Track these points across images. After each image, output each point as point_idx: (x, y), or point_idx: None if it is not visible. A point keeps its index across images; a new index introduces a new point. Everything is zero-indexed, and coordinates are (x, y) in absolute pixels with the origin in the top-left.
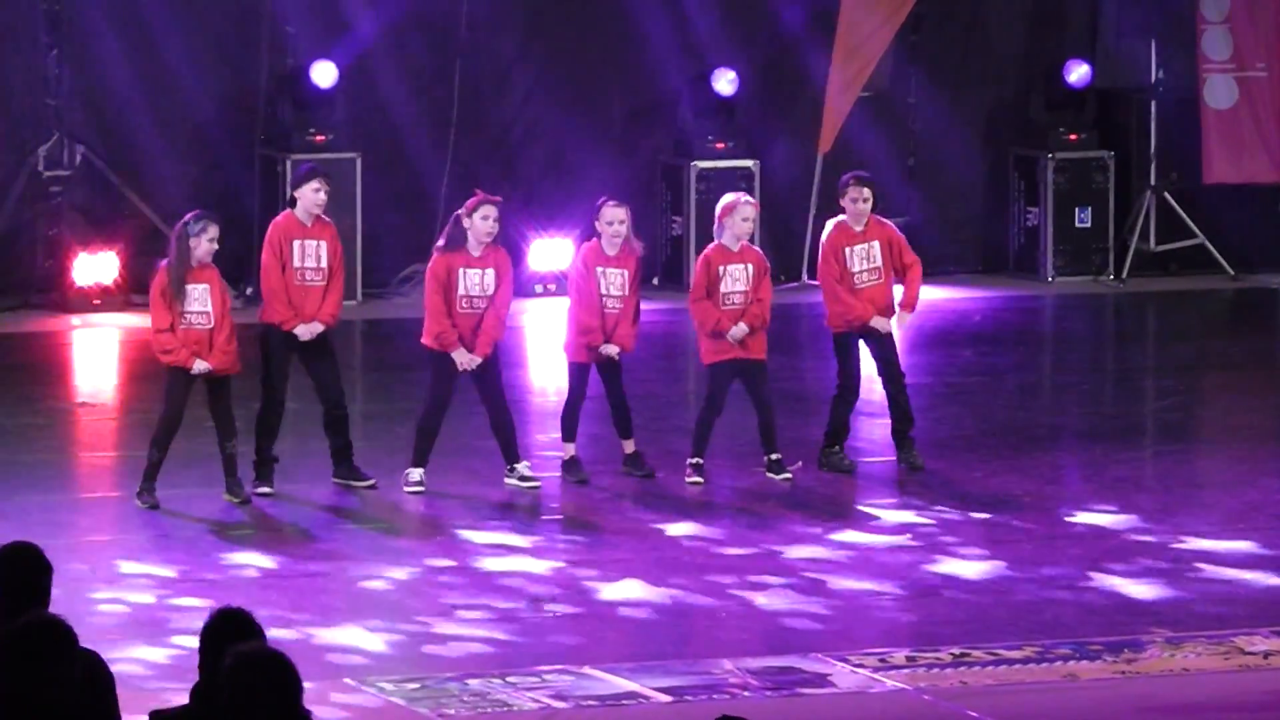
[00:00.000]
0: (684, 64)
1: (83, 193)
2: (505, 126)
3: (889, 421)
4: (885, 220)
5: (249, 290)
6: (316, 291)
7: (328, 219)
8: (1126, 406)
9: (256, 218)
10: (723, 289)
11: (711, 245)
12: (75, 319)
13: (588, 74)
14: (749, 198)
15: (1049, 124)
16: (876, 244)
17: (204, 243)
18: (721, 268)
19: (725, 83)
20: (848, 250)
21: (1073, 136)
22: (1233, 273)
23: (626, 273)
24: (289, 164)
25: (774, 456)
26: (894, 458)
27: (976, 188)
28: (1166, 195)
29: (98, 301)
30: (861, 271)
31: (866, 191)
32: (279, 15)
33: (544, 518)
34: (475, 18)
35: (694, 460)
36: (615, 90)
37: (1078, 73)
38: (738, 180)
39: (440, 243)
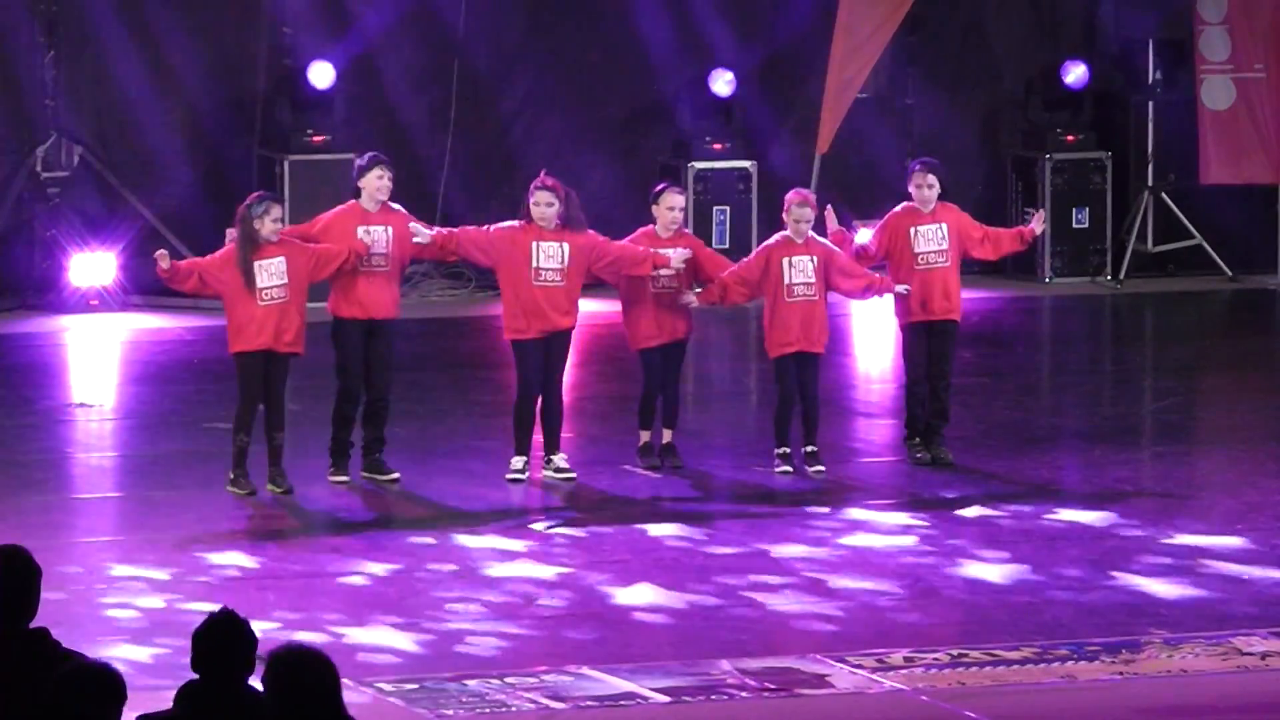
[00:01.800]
0: (682, 65)
1: (80, 194)
2: (504, 127)
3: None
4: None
5: None
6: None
7: (395, 206)
8: (1125, 407)
9: None
10: (787, 280)
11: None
12: (72, 320)
13: (586, 75)
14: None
15: (1047, 125)
16: (945, 225)
17: (268, 223)
18: (785, 259)
19: (723, 84)
20: (913, 230)
21: (1070, 137)
22: (1230, 274)
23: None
24: (287, 165)
25: (811, 449)
26: (895, 458)
27: (974, 189)
28: (1164, 196)
29: (95, 302)
30: (928, 252)
31: (932, 178)
32: (277, 16)
33: (543, 516)
34: (473, 18)
35: (780, 450)
36: (614, 91)
37: (1075, 74)
38: (735, 181)
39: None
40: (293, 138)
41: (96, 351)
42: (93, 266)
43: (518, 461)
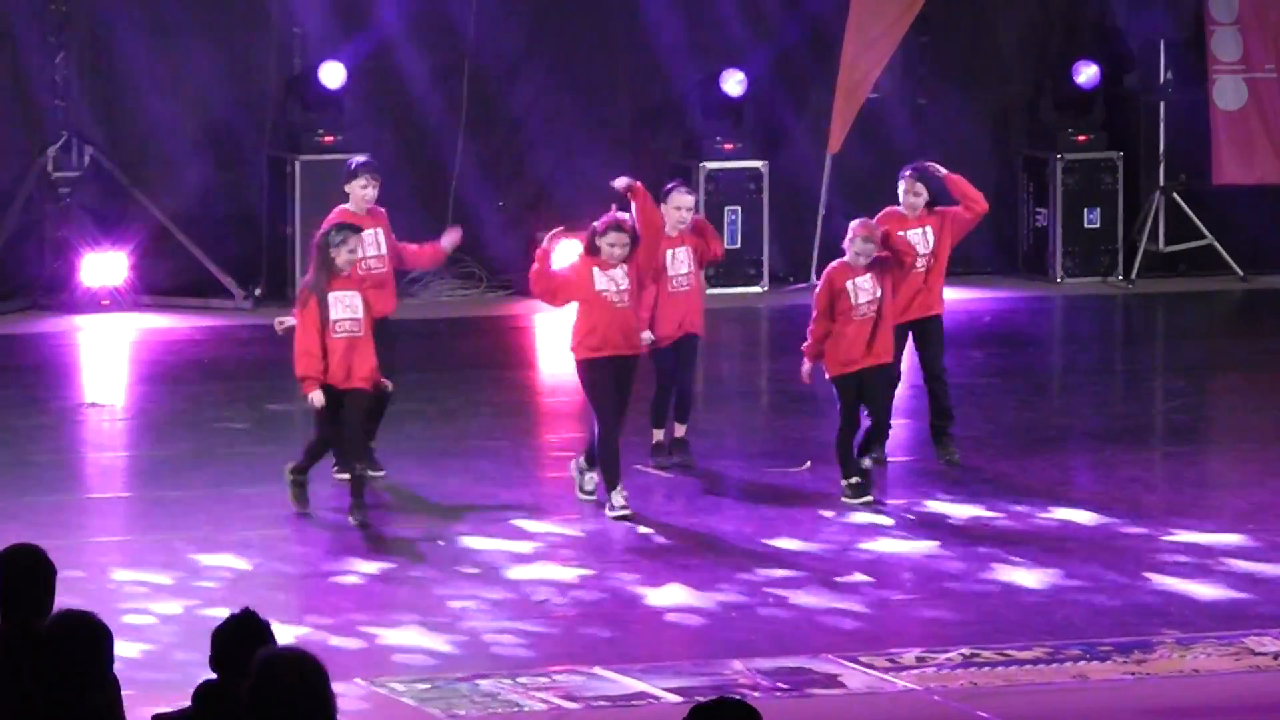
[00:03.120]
0: (693, 65)
1: (91, 194)
2: (514, 127)
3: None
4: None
5: (258, 292)
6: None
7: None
8: (1135, 407)
9: (265, 218)
10: (851, 301)
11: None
12: (83, 320)
13: (596, 74)
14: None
15: (1058, 125)
16: (929, 229)
17: (344, 253)
18: (849, 282)
19: (734, 83)
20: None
21: (1082, 137)
22: (1242, 274)
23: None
24: (298, 165)
25: (870, 458)
26: (907, 458)
27: (985, 188)
28: (1175, 196)
29: (106, 302)
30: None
31: (920, 185)
32: (288, 16)
33: (554, 516)
34: (484, 18)
35: (851, 481)
36: (624, 91)
37: (1086, 73)
38: (746, 181)
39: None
40: (303, 138)
41: (108, 352)
42: (104, 266)
43: (617, 498)
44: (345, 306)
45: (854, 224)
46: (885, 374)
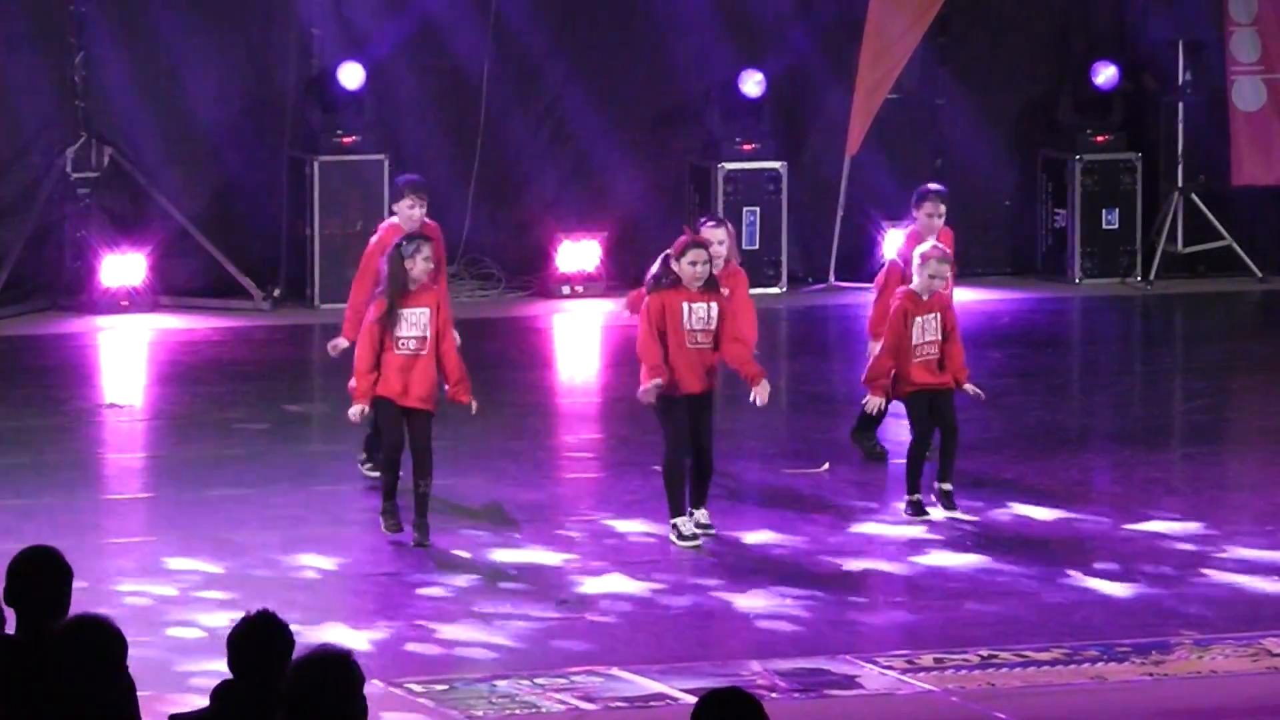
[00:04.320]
0: (712, 65)
1: (110, 194)
2: (533, 127)
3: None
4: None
5: (276, 293)
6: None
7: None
8: (1155, 408)
9: (285, 220)
10: (914, 339)
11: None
12: (102, 321)
13: (615, 75)
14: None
15: (1077, 126)
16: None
17: (419, 262)
18: (917, 319)
19: (753, 84)
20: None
21: (1100, 138)
22: (1261, 275)
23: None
24: (317, 166)
25: (944, 487)
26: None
27: (1004, 189)
28: (1194, 197)
29: (125, 303)
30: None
31: (943, 208)
32: (306, 17)
33: (574, 518)
34: (503, 19)
35: (912, 499)
36: (643, 92)
37: (1105, 74)
38: (765, 182)
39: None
40: (322, 139)
41: (126, 352)
42: (123, 267)
43: (684, 525)
44: (412, 324)
45: (923, 250)
46: (948, 396)
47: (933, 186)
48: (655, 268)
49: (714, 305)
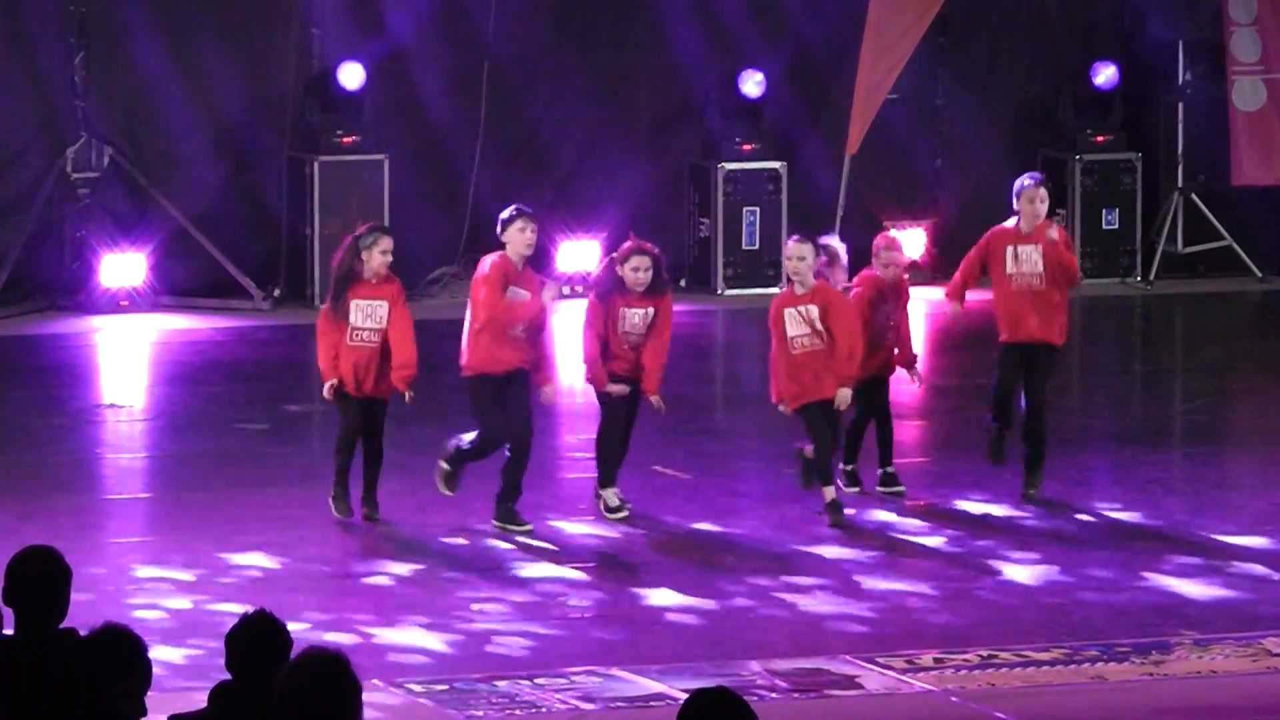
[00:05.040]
0: (712, 66)
1: (110, 194)
2: (533, 127)
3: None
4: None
5: (276, 292)
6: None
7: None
8: (1155, 408)
9: (285, 220)
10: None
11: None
12: (102, 320)
13: (615, 75)
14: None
15: (1076, 126)
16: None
17: (376, 255)
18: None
19: (753, 84)
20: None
21: (1100, 138)
22: (1260, 275)
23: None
24: (317, 166)
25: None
26: (923, 459)
27: (1004, 189)
28: (1194, 197)
29: (125, 303)
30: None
31: (1044, 192)
32: (306, 17)
33: (573, 519)
34: (503, 18)
35: (848, 468)
36: (643, 92)
37: (1105, 74)
38: (765, 182)
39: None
40: (322, 138)
41: (126, 352)
42: (123, 267)
43: (608, 495)
44: (367, 315)
45: (875, 240)
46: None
47: (1032, 175)
48: (599, 271)
49: (651, 311)
